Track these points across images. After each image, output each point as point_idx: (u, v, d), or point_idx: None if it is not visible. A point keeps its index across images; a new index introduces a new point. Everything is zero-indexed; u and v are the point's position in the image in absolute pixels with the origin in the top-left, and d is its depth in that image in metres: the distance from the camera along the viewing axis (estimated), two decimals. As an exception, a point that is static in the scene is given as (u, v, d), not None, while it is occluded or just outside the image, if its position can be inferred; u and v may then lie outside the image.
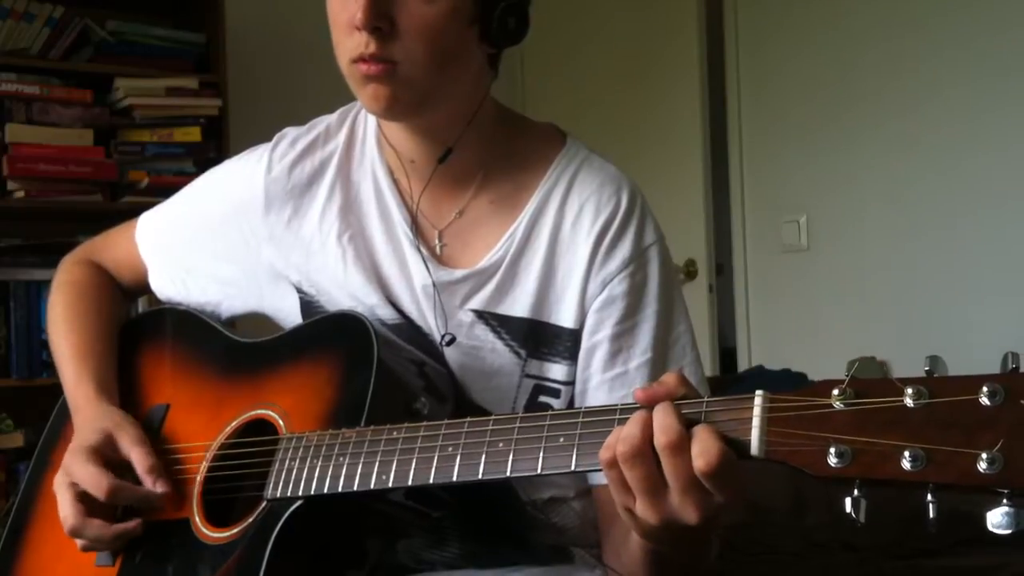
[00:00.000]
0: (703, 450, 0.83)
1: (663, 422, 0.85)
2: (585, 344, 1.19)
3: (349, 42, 1.12)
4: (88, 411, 1.26)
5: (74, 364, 1.33)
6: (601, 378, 1.18)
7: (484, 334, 1.20)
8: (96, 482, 1.16)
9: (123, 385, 1.35)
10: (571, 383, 1.20)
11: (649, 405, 0.88)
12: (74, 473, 1.18)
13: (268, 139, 1.35)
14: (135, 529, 1.17)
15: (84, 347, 1.34)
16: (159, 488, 1.17)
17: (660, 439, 0.85)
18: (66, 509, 1.17)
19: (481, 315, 1.21)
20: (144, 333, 1.41)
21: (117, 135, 3.20)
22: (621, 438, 0.86)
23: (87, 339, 1.36)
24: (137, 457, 1.18)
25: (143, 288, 1.46)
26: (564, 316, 1.20)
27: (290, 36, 3.67)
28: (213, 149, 3.26)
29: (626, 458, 0.86)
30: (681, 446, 0.84)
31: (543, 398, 1.21)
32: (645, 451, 0.85)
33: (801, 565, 1.91)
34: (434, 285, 1.21)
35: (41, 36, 3.12)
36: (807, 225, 3.57)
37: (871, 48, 3.36)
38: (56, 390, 1.39)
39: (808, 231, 3.57)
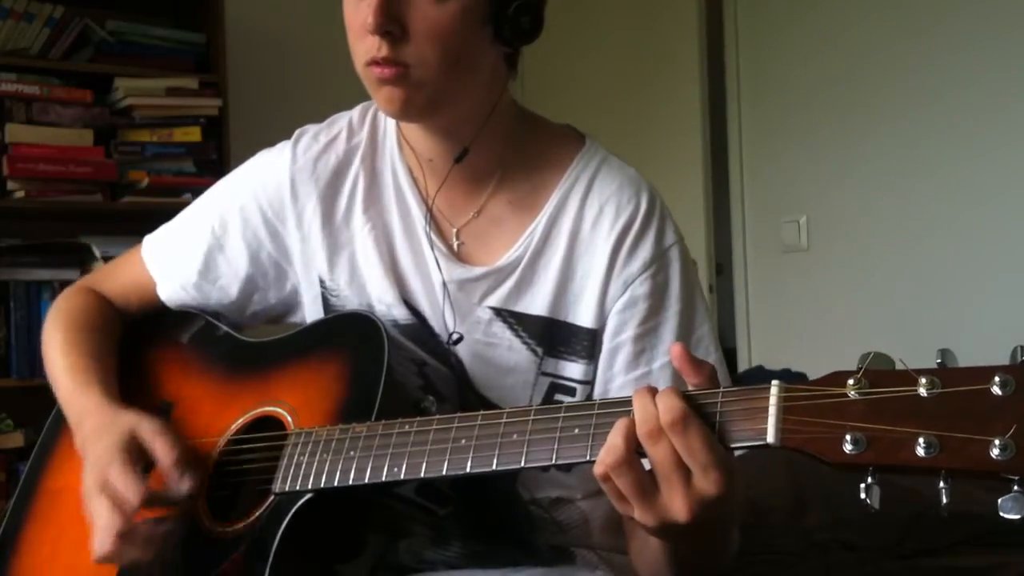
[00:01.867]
0: (666, 406, 0.87)
1: (668, 403, 0.88)
2: (608, 345, 1.20)
3: (363, 45, 1.12)
4: (100, 415, 1.21)
5: (72, 376, 1.29)
6: (625, 379, 1.19)
7: (502, 331, 1.21)
8: (126, 490, 1.10)
9: (129, 384, 1.34)
10: (587, 382, 1.21)
11: (680, 364, 0.93)
12: (111, 478, 1.12)
13: (268, 139, 1.36)
14: (178, 534, 1.13)
15: (84, 363, 1.30)
16: (185, 485, 1.11)
17: (664, 417, 0.87)
18: (105, 515, 1.10)
19: (499, 312, 1.21)
20: (151, 332, 1.40)
21: (117, 135, 3.20)
22: (606, 449, 0.89)
23: (87, 357, 1.31)
24: (161, 449, 1.14)
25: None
26: (582, 316, 1.20)
27: (290, 36, 3.68)
28: (213, 149, 3.27)
29: (614, 467, 0.88)
30: (686, 422, 0.86)
31: (559, 396, 1.21)
32: (630, 458, 0.88)
33: (801, 565, 1.91)
34: (444, 284, 1.22)
35: (41, 36, 3.12)
36: (807, 225, 3.58)
37: (871, 48, 3.37)
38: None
39: (808, 231, 3.58)
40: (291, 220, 1.29)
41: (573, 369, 1.21)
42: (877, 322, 3.35)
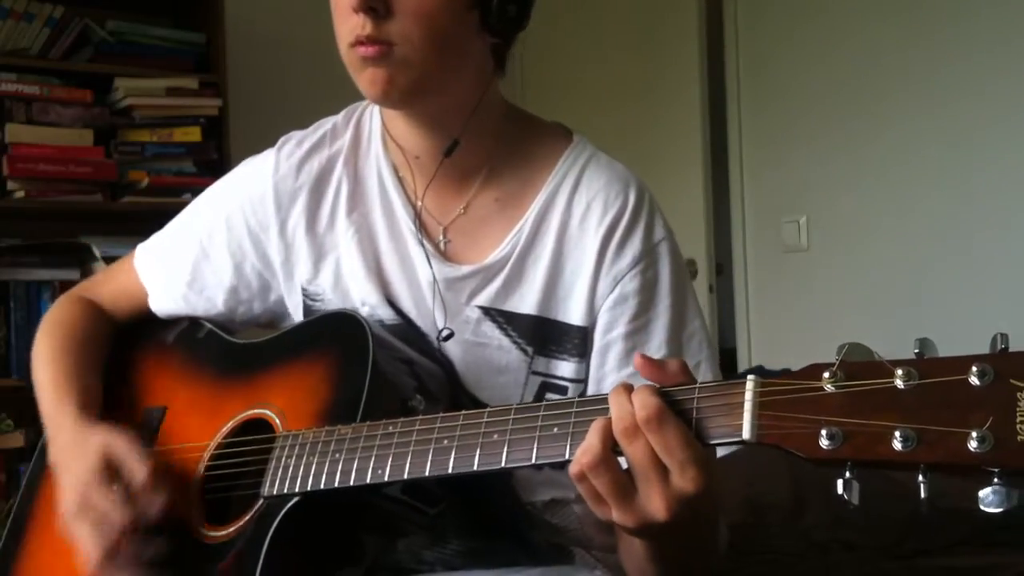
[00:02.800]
0: (641, 403, 0.85)
1: (644, 400, 0.86)
2: (598, 343, 1.18)
3: (347, 25, 1.11)
4: (73, 432, 1.22)
5: (51, 391, 1.29)
6: (616, 376, 1.17)
7: (491, 331, 1.20)
8: (109, 511, 1.10)
9: (120, 388, 1.34)
10: (579, 380, 1.20)
11: (645, 374, 0.91)
12: (92, 503, 1.12)
13: (268, 139, 1.35)
14: (163, 548, 1.12)
15: (65, 377, 1.30)
16: (155, 504, 1.12)
17: (640, 414, 0.86)
18: (88, 544, 1.11)
19: (488, 312, 1.20)
20: (142, 336, 1.40)
21: (117, 135, 3.20)
22: (582, 450, 0.88)
23: (69, 371, 1.31)
24: (133, 466, 1.14)
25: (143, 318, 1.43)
26: (572, 313, 1.19)
27: (290, 36, 3.67)
28: (213, 149, 3.26)
29: (591, 467, 0.87)
30: (661, 419, 0.85)
31: (550, 395, 1.20)
32: (607, 457, 0.87)
33: (801, 565, 1.91)
34: (435, 280, 1.21)
35: (41, 36, 3.12)
36: (807, 225, 3.57)
37: (871, 49, 3.37)
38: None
39: (808, 231, 3.57)
40: (274, 229, 1.28)
41: (564, 368, 1.20)
42: (877, 322, 3.34)
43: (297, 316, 1.29)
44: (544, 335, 1.19)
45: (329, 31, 1.16)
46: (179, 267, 1.34)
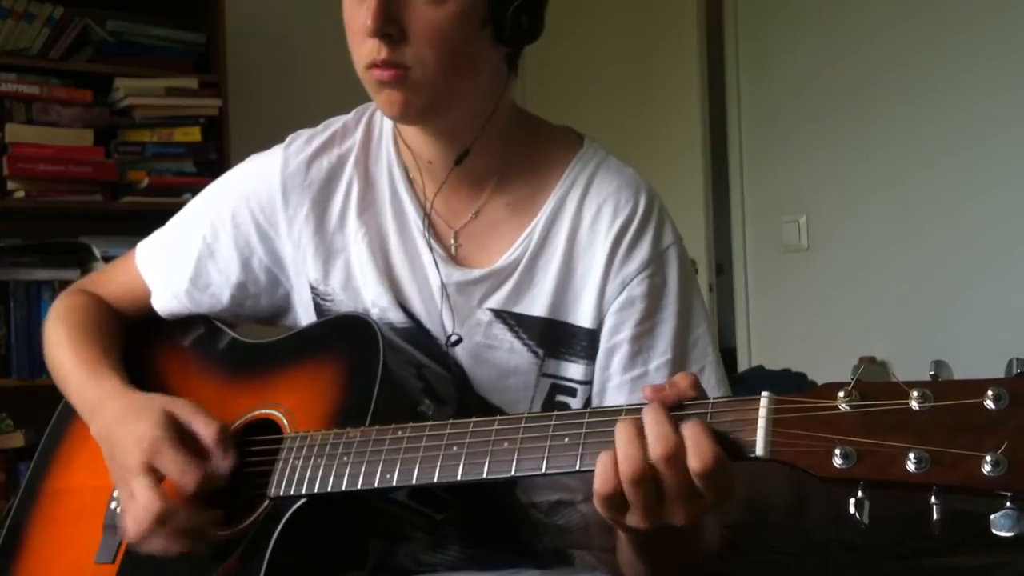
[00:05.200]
0: (697, 451, 0.84)
1: (658, 431, 0.86)
2: (604, 345, 1.19)
3: (363, 48, 1.12)
4: (125, 399, 1.21)
5: (82, 368, 1.28)
6: (621, 379, 1.18)
7: (502, 333, 1.20)
8: (182, 471, 1.10)
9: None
10: (588, 382, 1.20)
11: (657, 399, 0.89)
12: (162, 460, 1.11)
13: (268, 139, 1.35)
14: (220, 517, 1.12)
15: (96, 358, 1.30)
16: (228, 462, 1.12)
17: (657, 449, 0.85)
18: (148, 496, 1.09)
19: (499, 314, 1.21)
20: (150, 334, 1.39)
21: (117, 135, 3.20)
22: (624, 456, 0.86)
23: (94, 350, 1.31)
24: (202, 426, 1.13)
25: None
26: (582, 316, 1.20)
27: (290, 36, 3.68)
28: (213, 149, 3.27)
29: (633, 478, 0.86)
30: (678, 455, 0.85)
31: (560, 397, 1.21)
32: (647, 467, 0.86)
33: (801, 565, 1.91)
34: (443, 285, 1.21)
35: (41, 36, 3.12)
36: (807, 225, 3.58)
37: (871, 48, 3.37)
38: (57, 390, 1.38)
39: (808, 231, 3.58)
40: (283, 226, 1.28)
41: (574, 370, 1.20)
42: (877, 322, 3.34)
43: (304, 313, 1.29)
44: (554, 337, 1.20)
45: (330, 31, 1.17)
46: (182, 265, 1.34)
